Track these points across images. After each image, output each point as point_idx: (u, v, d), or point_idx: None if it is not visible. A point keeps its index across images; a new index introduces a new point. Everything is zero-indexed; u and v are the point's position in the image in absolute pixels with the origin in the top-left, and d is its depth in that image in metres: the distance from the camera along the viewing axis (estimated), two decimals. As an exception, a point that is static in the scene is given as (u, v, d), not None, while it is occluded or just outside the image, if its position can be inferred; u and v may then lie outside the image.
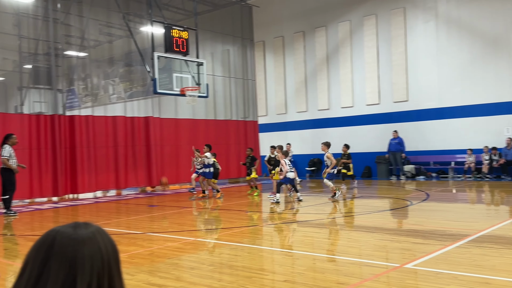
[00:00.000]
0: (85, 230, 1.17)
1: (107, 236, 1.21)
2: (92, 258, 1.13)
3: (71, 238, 1.14)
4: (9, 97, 27.18)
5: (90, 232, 1.17)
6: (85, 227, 1.18)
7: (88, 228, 1.19)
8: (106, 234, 1.21)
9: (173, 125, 18.49)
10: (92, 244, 1.15)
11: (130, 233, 8.75)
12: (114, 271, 1.17)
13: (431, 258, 5.68)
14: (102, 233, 1.20)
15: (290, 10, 22.44)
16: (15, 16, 15.86)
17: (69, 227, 1.18)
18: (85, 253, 1.12)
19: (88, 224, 1.21)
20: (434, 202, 11.40)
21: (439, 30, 18.20)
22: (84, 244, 1.13)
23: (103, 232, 1.21)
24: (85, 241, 1.14)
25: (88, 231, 1.18)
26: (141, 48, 16.04)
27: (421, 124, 18.68)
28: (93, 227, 1.20)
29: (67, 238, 1.14)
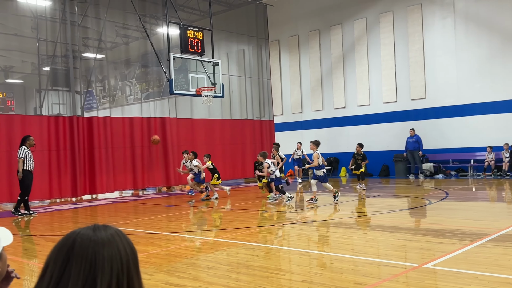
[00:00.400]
0: (104, 232, 1.19)
1: (126, 238, 1.22)
2: (112, 260, 1.14)
3: (91, 240, 1.15)
4: (28, 99, 27.65)
5: (110, 234, 1.19)
6: (104, 229, 1.20)
7: (107, 230, 1.20)
8: (125, 236, 1.23)
9: (189, 125, 18.58)
10: (112, 246, 1.16)
11: (148, 233, 8.81)
12: (133, 272, 1.18)
13: (451, 257, 5.60)
14: (121, 235, 1.22)
15: (305, 9, 22.36)
16: (33, 19, 16.11)
17: (89, 229, 1.20)
18: (105, 255, 1.14)
19: (107, 226, 1.23)
20: (453, 201, 11.25)
21: (457, 26, 17.94)
22: (104, 246, 1.15)
23: (121, 234, 1.22)
24: (104, 243, 1.16)
25: (108, 233, 1.19)
26: (157, 49, 16.15)
27: (439, 121, 18.44)
28: (112, 229, 1.22)
29: (87, 240, 1.15)
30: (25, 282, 5.44)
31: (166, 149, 17.49)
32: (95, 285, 1.10)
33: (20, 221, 11.12)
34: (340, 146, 21.46)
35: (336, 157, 21.63)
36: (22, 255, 7.11)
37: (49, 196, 14.71)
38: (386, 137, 19.85)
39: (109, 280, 1.12)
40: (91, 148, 15.67)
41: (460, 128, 17.93)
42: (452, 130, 18.14)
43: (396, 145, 19.25)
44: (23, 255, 7.13)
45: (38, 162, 14.00)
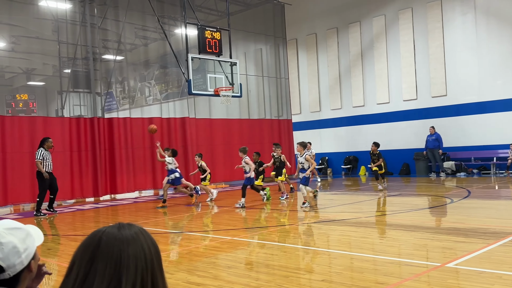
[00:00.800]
0: (129, 231, 1.21)
1: (150, 237, 1.24)
2: (137, 258, 1.16)
3: (116, 239, 1.18)
4: (50, 101, 28.15)
5: (134, 232, 1.21)
6: (129, 228, 1.22)
7: (132, 228, 1.22)
8: (149, 235, 1.25)
9: (207, 125, 18.68)
10: (136, 245, 1.18)
11: (168, 232, 8.89)
12: (157, 270, 1.20)
13: (474, 257, 5.51)
14: (145, 234, 1.24)
15: (323, 7, 22.25)
16: (54, 22, 16.38)
17: (114, 227, 1.22)
18: (130, 253, 1.16)
19: (131, 225, 1.25)
20: (475, 199, 11.07)
21: (478, 22, 17.63)
22: (129, 244, 1.17)
23: (145, 232, 1.24)
24: (129, 241, 1.18)
25: (132, 231, 1.21)
26: (175, 50, 16.27)
27: (460, 119, 18.16)
28: (136, 227, 1.24)
29: (112, 238, 1.18)
30: (49, 281, 5.54)
31: (186, 149, 17.61)
32: (120, 284, 1.12)
33: (42, 221, 11.33)
34: (359, 144, 21.31)
35: (355, 155, 21.48)
36: (46, 254, 7.24)
37: (71, 196, 14.95)
38: (406, 135, 19.64)
39: (134, 278, 1.14)
40: (112, 148, 15.87)
41: (482, 125, 17.63)
42: (473, 127, 17.84)
43: (417, 143, 19.03)
44: (47, 254, 7.26)
45: (60, 163, 14.25)
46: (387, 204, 11.24)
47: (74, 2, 16.25)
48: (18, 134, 13.83)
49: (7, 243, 1.46)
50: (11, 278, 1.47)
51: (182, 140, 17.69)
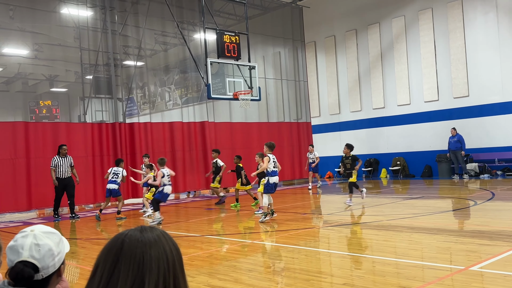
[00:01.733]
0: (151, 234, 1.23)
1: (171, 239, 1.27)
2: (159, 260, 1.18)
3: (139, 241, 1.20)
4: (72, 107, 28.64)
5: (156, 235, 1.24)
6: (151, 231, 1.25)
7: (154, 231, 1.25)
8: (170, 238, 1.27)
9: (228, 128, 18.76)
10: (158, 247, 1.20)
11: (189, 236, 8.95)
12: (179, 272, 1.22)
13: (499, 260, 5.41)
14: (167, 236, 1.26)
15: (341, 9, 22.16)
16: (76, 30, 16.70)
17: (136, 230, 1.25)
18: (152, 255, 1.18)
19: (153, 228, 1.28)
20: (500, 201, 10.85)
21: (500, 21, 17.32)
22: (151, 246, 1.20)
23: (167, 235, 1.27)
24: (151, 244, 1.20)
25: (154, 234, 1.24)
26: (194, 55, 16.40)
27: (483, 120, 17.84)
28: (158, 230, 1.27)
29: (135, 241, 1.20)
30: (73, 285, 5.63)
31: (206, 153, 17.71)
32: (143, 285, 1.15)
33: (58, 223, 11.52)
34: (380, 147, 21.12)
35: (376, 158, 21.29)
36: (70, 258, 7.36)
37: (93, 200, 15.17)
38: (428, 137, 19.38)
39: (156, 279, 1.16)
40: (133, 153, 16.06)
41: (505, 126, 17.28)
42: (497, 128, 17.50)
43: (439, 145, 18.75)
44: (70, 258, 7.38)
45: (82, 168, 14.48)
46: (409, 207, 11.10)
47: (95, 9, 16.53)
48: (41, 140, 14.12)
49: (44, 245, 1.52)
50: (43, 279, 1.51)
51: (202, 144, 17.80)
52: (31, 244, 1.51)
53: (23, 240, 1.53)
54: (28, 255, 1.50)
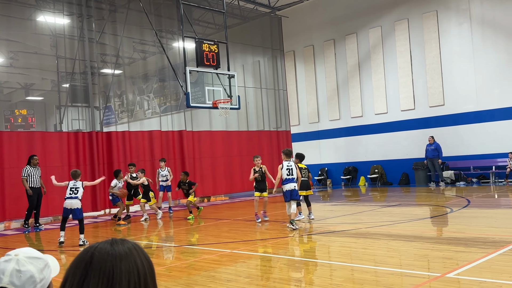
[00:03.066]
0: (122, 246, 1.20)
1: (143, 252, 1.24)
2: (129, 273, 1.15)
3: (109, 254, 1.17)
4: (48, 116, 28.14)
5: (127, 248, 1.20)
6: (122, 243, 1.22)
7: (125, 244, 1.22)
8: (142, 250, 1.24)
9: (207, 137, 18.70)
10: (129, 260, 1.17)
11: (167, 246, 8.84)
12: (150, 286, 1.19)
13: (474, 266, 5.49)
14: (138, 249, 1.23)
15: (319, 19, 22.41)
16: (52, 38, 16.46)
17: (107, 243, 1.22)
18: (122, 269, 1.15)
19: (124, 240, 1.25)
20: (475, 209, 11.05)
21: (474, 32, 17.75)
22: (122, 260, 1.16)
23: (139, 248, 1.24)
24: (122, 257, 1.17)
25: (125, 247, 1.20)
26: (173, 63, 16.33)
27: (459, 128, 18.19)
28: (130, 243, 1.24)
29: (105, 254, 1.17)
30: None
31: (184, 162, 17.59)
32: None
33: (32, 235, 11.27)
34: (358, 155, 21.32)
35: (354, 166, 21.48)
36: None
37: (70, 211, 14.87)
38: (405, 145, 19.65)
39: None
40: (110, 162, 15.84)
41: (480, 135, 17.66)
42: (472, 136, 17.87)
43: (416, 153, 19.04)
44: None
45: (58, 178, 14.14)
46: (387, 215, 11.20)
47: (72, 17, 16.34)
48: (16, 150, 13.83)
49: (26, 272, 1.46)
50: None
51: (180, 153, 17.68)
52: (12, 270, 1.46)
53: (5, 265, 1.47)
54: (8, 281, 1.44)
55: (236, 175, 19.45)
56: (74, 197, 9.55)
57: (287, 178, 9.67)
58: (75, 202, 9.54)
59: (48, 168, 14.05)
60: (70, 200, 9.58)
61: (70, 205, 9.54)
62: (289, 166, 9.77)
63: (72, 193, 9.57)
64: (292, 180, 9.67)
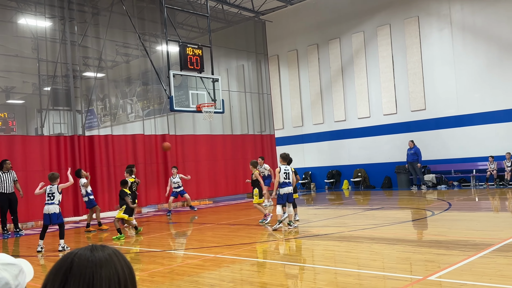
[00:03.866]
0: (102, 253, 1.19)
1: (124, 258, 1.23)
2: (110, 280, 1.14)
3: (88, 261, 1.16)
4: (29, 120, 27.73)
5: (107, 254, 1.19)
6: (102, 250, 1.20)
7: (105, 250, 1.20)
8: (123, 256, 1.23)
9: (191, 141, 18.62)
10: (109, 266, 1.16)
11: (150, 251, 8.77)
12: None
13: (455, 269, 5.56)
14: (119, 255, 1.22)
15: (303, 24, 22.54)
16: (33, 40, 16.25)
17: (87, 249, 1.20)
18: (102, 275, 1.14)
19: (104, 246, 1.23)
20: (456, 212, 11.20)
21: (455, 37, 18.05)
22: (102, 266, 1.15)
23: (119, 254, 1.22)
24: (102, 263, 1.16)
25: (105, 253, 1.19)
26: (157, 67, 16.25)
27: (440, 132, 18.45)
28: (110, 249, 1.22)
29: (85, 260, 1.16)
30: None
31: (166, 166, 17.49)
32: None
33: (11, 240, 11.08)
34: (341, 159, 21.46)
35: (338, 170, 21.61)
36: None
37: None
38: (387, 149, 19.85)
39: None
40: (93, 166, 15.67)
41: (461, 138, 17.93)
42: (453, 140, 18.13)
43: (398, 157, 19.24)
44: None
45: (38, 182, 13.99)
46: (370, 218, 11.29)
47: (54, 20, 16.17)
48: (-4, 154, 13.58)
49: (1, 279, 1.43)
50: None
51: (163, 157, 17.58)
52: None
53: None
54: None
55: (220, 179, 19.41)
56: (50, 202, 9.38)
57: (284, 181, 9.83)
58: (52, 207, 9.36)
59: (29, 173, 13.84)
60: (47, 206, 9.44)
61: (47, 210, 9.41)
62: (286, 170, 9.95)
63: (49, 198, 9.40)
64: (289, 184, 9.87)
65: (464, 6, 17.86)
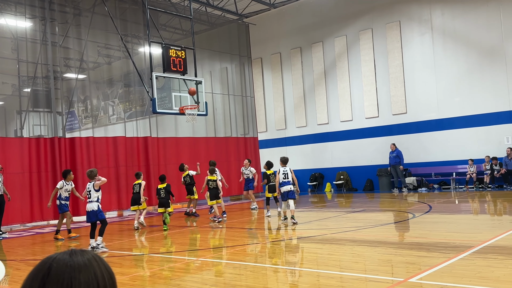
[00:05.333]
0: (81, 257, 1.17)
1: (104, 263, 1.21)
2: (89, 285, 1.12)
3: (67, 265, 1.14)
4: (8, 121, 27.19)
5: (87, 259, 1.17)
6: (81, 254, 1.18)
7: (85, 255, 1.19)
8: (103, 261, 1.21)
9: (173, 143, 18.51)
10: (89, 271, 1.14)
11: (132, 255, 8.68)
12: None
13: (436, 271, 5.63)
14: (99, 260, 1.20)
15: (286, 27, 22.64)
16: (13, 41, 15.98)
17: (66, 254, 1.18)
18: (81, 280, 1.12)
19: (84, 251, 1.21)
20: (437, 214, 11.34)
21: (435, 42, 18.33)
22: (80, 271, 1.13)
23: (99, 259, 1.21)
24: (81, 268, 1.14)
25: (85, 258, 1.17)
26: (139, 68, 16.13)
27: (421, 135, 18.69)
28: (90, 254, 1.20)
29: (63, 265, 1.14)
30: None
31: (148, 168, 17.35)
32: None
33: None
34: (324, 161, 21.57)
35: (321, 172, 21.71)
36: (2, 280, 6.93)
37: (30, 219, 14.41)
38: (369, 152, 20.02)
39: None
40: (74, 169, 15.41)
41: (441, 142, 18.19)
42: (433, 144, 18.38)
43: (380, 160, 19.43)
44: (3, 280, 6.95)
45: (19, 185, 13.78)
46: (352, 220, 11.37)
47: (35, 20, 15.93)
48: (-26, 156, 13.32)
49: None
50: None
51: (145, 159, 17.44)
52: None
53: None
54: None
55: (202, 182, 19.29)
56: (89, 200, 9.30)
57: (283, 181, 11.14)
58: (90, 205, 9.26)
59: (9, 175, 13.61)
60: (87, 204, 9.37)
61: (87, 208, 9.34)
62: (284, 171, 11.25)
63: (88, 196, 9.35)
64: (288, 183, 11.12)
65: (444, 11, 18.15)
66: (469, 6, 17.58)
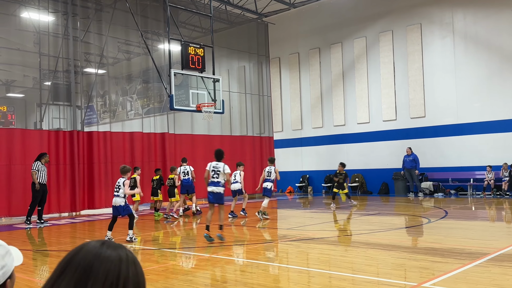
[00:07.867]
0: (110, 250, 1.18)
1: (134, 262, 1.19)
2: (107, 276, 1.14)
3: (92, 253, 1.17)
4: (28, 114, 27.71)
5: (116, 254, 1.18)
6: (113, 248, 1.19)
7: (117, 249, 1.19)
8: (134, 260, 1.20)
9: (189, 140, 18.61)
10: (112, 264, 1.16)
11: (145, 249, 8.76)
12: None
13: (450, 277, 5.56)
14: (130, 258, 1.19)
15: (306, 27, 22.57)
16: (36, 34, 16.24)
17: (98, 243, 1.21)
18: (100, 270, 1.14)
19: (118, 246, 1.21)
20: (452, 220, 11.21)
21: (456, 46, 18.09)
22: (103, 262, 1.15)
23: (130, 257, 1.20)
24: (105, 259, 1.16)
25: (115, 252, 1.18)
26: (158, 65, 16.25)
27: (438, 140, 18.47)
28: (122, 250, 1.20)
29: (89, 252, 1.18)
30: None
31: (165, 164, 17.47)
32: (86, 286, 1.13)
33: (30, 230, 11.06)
34: (339, 163, 21.43)
35: (335, 174, 21.59)
36: (18, 269, 7.05)
37: (48, 210, 14.63)
38: (385, 155, 19.86)
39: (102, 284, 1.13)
40: (91, 162, 15.65)
41: (459, 147, 17.95)
42: (451, 149, 18.15)
43: (396, 163, 19.24)
44: (19, 269, 7.07)
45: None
46: (366, 223, 11.29)
47: (57, 14, 16.16)
48: (-6, 146, 13.57)
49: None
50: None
51: (161, 155, 17.57)
52: None
53: None
54: None
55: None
56: (116, 195, 9.49)
57: (266, 179, 12.59)
58: (117, 200, 9.45)
59: (28, 166, 13.83)
60: (114, 198, 9.58)
61: (114, 202, 9.55)
62: (269, 170, 12.64)
63: (116, 190, 9.54)
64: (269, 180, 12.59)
65: (466, 15, 17.90)
66: (491, 11, 17.31)
